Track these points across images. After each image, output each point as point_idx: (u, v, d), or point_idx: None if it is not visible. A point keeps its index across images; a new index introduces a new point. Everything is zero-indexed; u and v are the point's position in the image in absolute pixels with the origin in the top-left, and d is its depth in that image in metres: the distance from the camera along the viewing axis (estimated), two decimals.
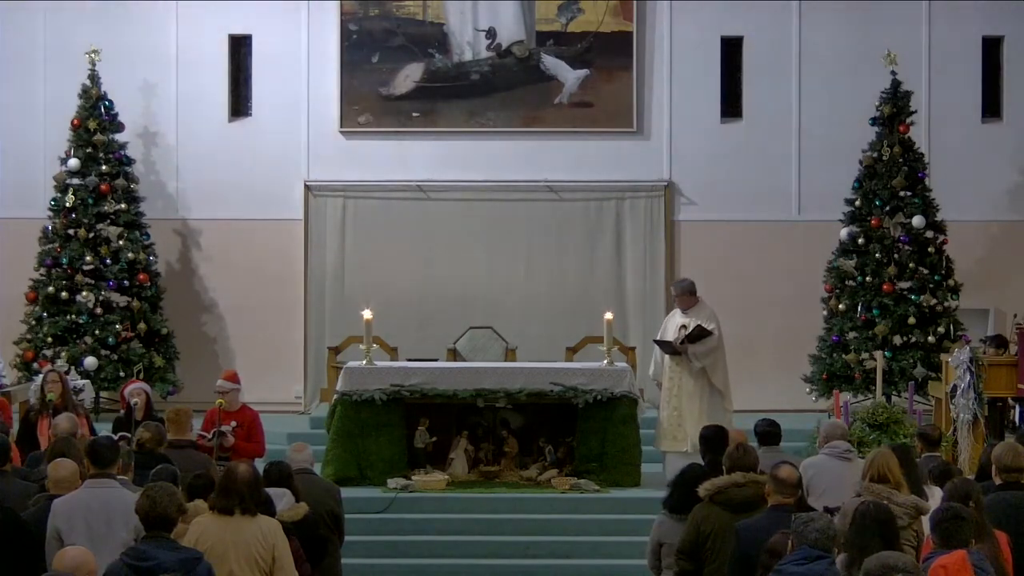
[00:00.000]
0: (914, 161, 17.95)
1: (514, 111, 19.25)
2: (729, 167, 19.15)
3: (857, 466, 10.01)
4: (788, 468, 8.27)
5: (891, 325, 17.46)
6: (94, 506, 8.19)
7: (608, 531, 13.42)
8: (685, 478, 9.20)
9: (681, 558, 8.68)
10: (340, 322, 18.59)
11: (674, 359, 14.50)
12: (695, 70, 19.23)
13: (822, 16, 19.15)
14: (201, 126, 19.20)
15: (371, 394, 14.22)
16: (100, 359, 17.48)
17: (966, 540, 7.16)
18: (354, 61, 19.18)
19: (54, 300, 17.77)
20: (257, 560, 7.62)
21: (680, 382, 14.45)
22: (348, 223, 19.18)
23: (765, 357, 18.60)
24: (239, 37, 19.43)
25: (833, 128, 18.94)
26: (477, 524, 13.53)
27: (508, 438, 14.52)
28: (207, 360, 18.73)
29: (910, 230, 17.67)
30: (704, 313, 14.54)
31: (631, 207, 19.20)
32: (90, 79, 18.24)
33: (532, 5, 19.19)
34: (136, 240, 18.15)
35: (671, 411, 14.42)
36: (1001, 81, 19.43)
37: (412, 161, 19.20)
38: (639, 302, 19.02)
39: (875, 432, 14.07)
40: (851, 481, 9.49)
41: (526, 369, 14.74)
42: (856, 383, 17.47)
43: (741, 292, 18.62)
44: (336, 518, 10.24)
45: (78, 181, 18.00)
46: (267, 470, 9.21)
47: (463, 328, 18.25)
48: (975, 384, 14.31)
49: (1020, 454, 8.72)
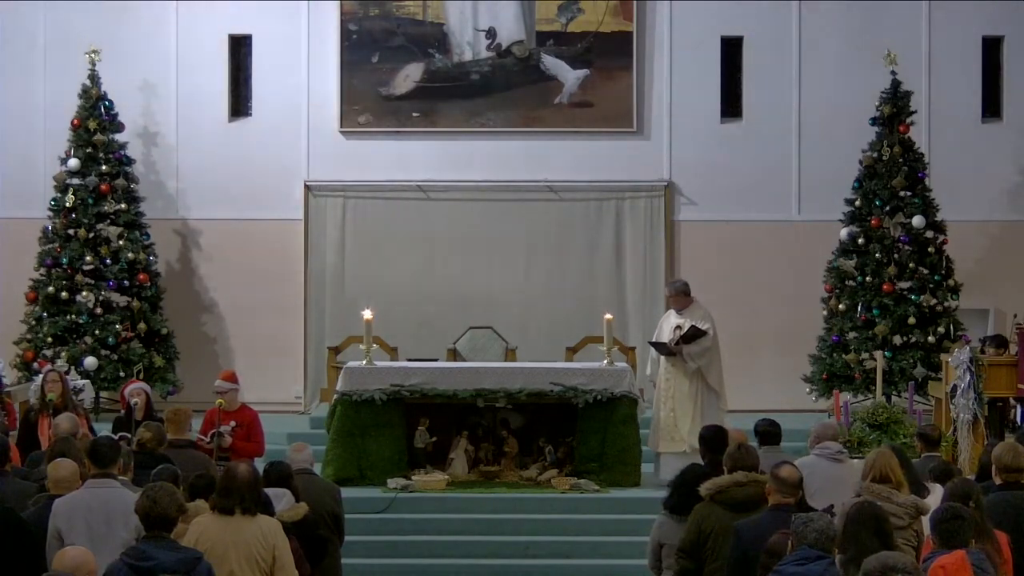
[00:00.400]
0: (914, 161, 17.96)
1: (514, 111, 19.25)
2: (729, 167, 19.15)
3: (849, 467, 10.01)
4: (789, 468, 8.27)
5: (891, 325, 17.46)
6: (94, 506, 8.19)
7: (608, 531, 13.42)
8: (686, 478, 9.20)
9: (682, 557, 8.68)
10: (340, 322, 18.60)
11: (669, 360, 14.49)
12: (695, 70, 19.23)
13: (822, 16, 19.15)
14: (201, 126, 19.21)
15: (371, 394, 14.22)
16: (100, 359, 17.49)
17: (966, 540, 7.16)
18: (354, 61, 19.18)
19: (54, 300, 17.77)
20: (257, 560, 7.62)
21: (676, 383, 14.44)
22: (348, 223, 19.18)
23: (765, 357, 18.61)
24: (239, 37, 19.43)
25: (833, 128, 18.94)
26: (477, 524, 13.53)
27: (508, 438, 14.52)
28: (207, 360, 18.72)
29: (910, 230, 17.68)
30: (698, 313, 14.52)
31: (631, 207, 19.20)
32: (90, 79, 18.24)
33: (532, 5, 19.19)
34: (136, 240, 18.15)
35: (667, 412, 14.41)
36: (1001, 81, 19.43)
37: (412, 161, 19.20)
38: (639, 302, 19.03)
39: (875, 432, 14.06)
40: (842, 482, 9.47)
41: (526, 369, 14.74)
42: (856, 383, 17.47)
43: (741, 292, 18.62)
44: (336, 518, 10.25)
45: (78, 181, 18.00)
46: (267, 470, 9.21)
47: (463, 328, 18.25)
48: (975, 384, 14.30)
49: (1020, 454, 8.72)
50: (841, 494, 8.89)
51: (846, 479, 9.58)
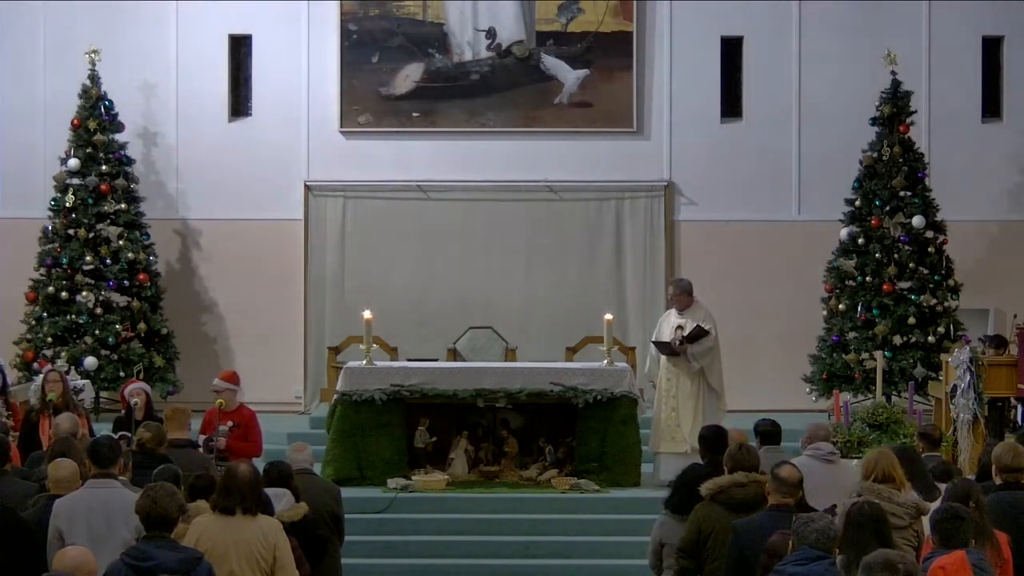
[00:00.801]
0: (914, 161, 17.96)
1: (514, 111, 19.25)
2: (729, 167, 19.15)
3: (841, 467, 9.99)
4: (789, 468, 8.27)
5: (891, 325, 17.46)
6: (95, 506, 8.19)
7: (608, 531, 13.42)
8: (686, 479, 9.21)
9: (682, 557, 8.69)
10: (340, 322, 18.60)
11: (671, 360, 14.48)
12: (695, 70, 19.22)
13: (822, 16, 19.14)
14: (201, 126, 19.20)
15: (371, 394, 14.21)
16: (100, 359, 17.49)
17: (966, 540, 7.16)
18: (354, 61, 19.18)
19: (54, 300, 17.77)
20: (258, 560, 7.62)
21: (678, 383, 14.44)
22: (348, 223, 19.18)
23: (765, 357, 18.60)
24: (239, 37, 19.43)
25: (833, 128, 18.94)
26: (477, 524, 13.53)
27: (508, 438, 14.52)
28: (207, 360, 18.71)
29: (910, 230, 17.68)
30: (700, 314, 14.52)
31: (631, 207, 19.20)
32: (90, 79, 18.24)
33: (532, 5, 19.19)
34: (136, 240, 18.15)
35: (668, 412, 14.41)
36: (1001, 81, 19.43)
37: (412, 161, 19.20)
38: (639, 302, 19.02)
39: (875, 432, 14.05)
40: (834, 483, 9.44)
41: (526, 369, 14.75)
42: (856, 383, 17.47)
43: (741, 292, 18.62)
44: (336, 518, 10.23)
45: (78, 181, 18.00)
46: (267, 470, 9.20)
47: (463, 328, 18.25)
48: (975, 384, 14.30)
49: (1020, 454, 8.72)
50: (833, 495, 8.85)
51: (839, 479, 9.56)
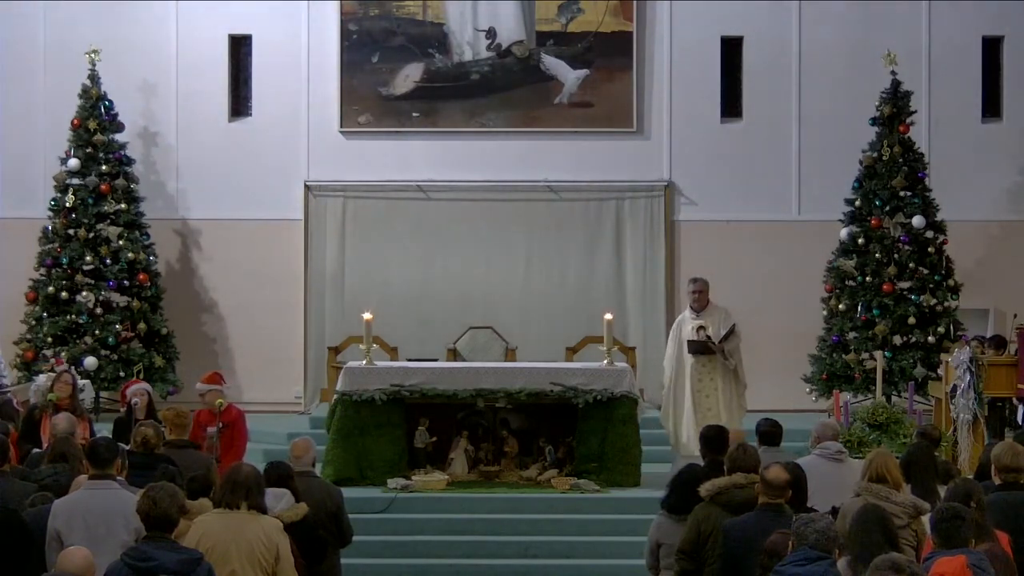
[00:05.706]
0: (914, 161, 17.96)
1: (514, 111, 19.25)
2: (729, 167, 19.16)
3: (849, 467, 9.99)
4: (777, 470, 8.23)
5: (891, 325, 17.47)
6: (93, 507, 8.18)
7: (608, 531, 13.41)
8: (684, 479, 9.20)
9: (682, 558, 8.68)
10: (340, 322, 18.61)
11: (699, 359, 14.54)
12: (695, 70, 19.23)
13: (822, 16, 19.16)
14: (201, 126, 19.21)
15: (371, 394, 14.21)
16: (100, 359, 17.49)
17: (966, 540, 7.15)
18: (354, 61, 19.19)
19: (54, 300, 17.78)
20: (260, 560, 7.61)
21: (711, 382, 14.57)
22: (348, 223, 19.19)
23: (765, 357, 18.55)
24: (239, 37, 19.44)
25: (833, 128, 18.95)
26: (477, 524, 13.52)
27: (508, 438, 14.52)
28: (207, 360, 18.69)
29: (910, 230, 17.68)
30: (719, 313, 14.71)
31: (631, 207, 19.20)
32: (90, 79, 18.24)
33: (532, 5, 19.19)
34: (136, 240, 18.15)
35: (704, 411, 14.44)
36: (1001, 81, 19.44)
37: (412, 161, 19.21)
38: (639, 302, 19.03)
39: (875, 432, 14.06)
40: (843, 482, 9.46)
41: (526, 369, 14.74)
42: (856, 383, 17.48)
43: (741, 292, 18.60)
44: (337, 519, 10.20)
45: (78, 181, 18.01)
46: (267, 470, 9.15)
47: (463, 328, 18.26)
48: (975, 384, 14.31)
49: (1020, 454, 8.71)
50: (841, 494, 8.87)
51: (846, 479, 9.55)
